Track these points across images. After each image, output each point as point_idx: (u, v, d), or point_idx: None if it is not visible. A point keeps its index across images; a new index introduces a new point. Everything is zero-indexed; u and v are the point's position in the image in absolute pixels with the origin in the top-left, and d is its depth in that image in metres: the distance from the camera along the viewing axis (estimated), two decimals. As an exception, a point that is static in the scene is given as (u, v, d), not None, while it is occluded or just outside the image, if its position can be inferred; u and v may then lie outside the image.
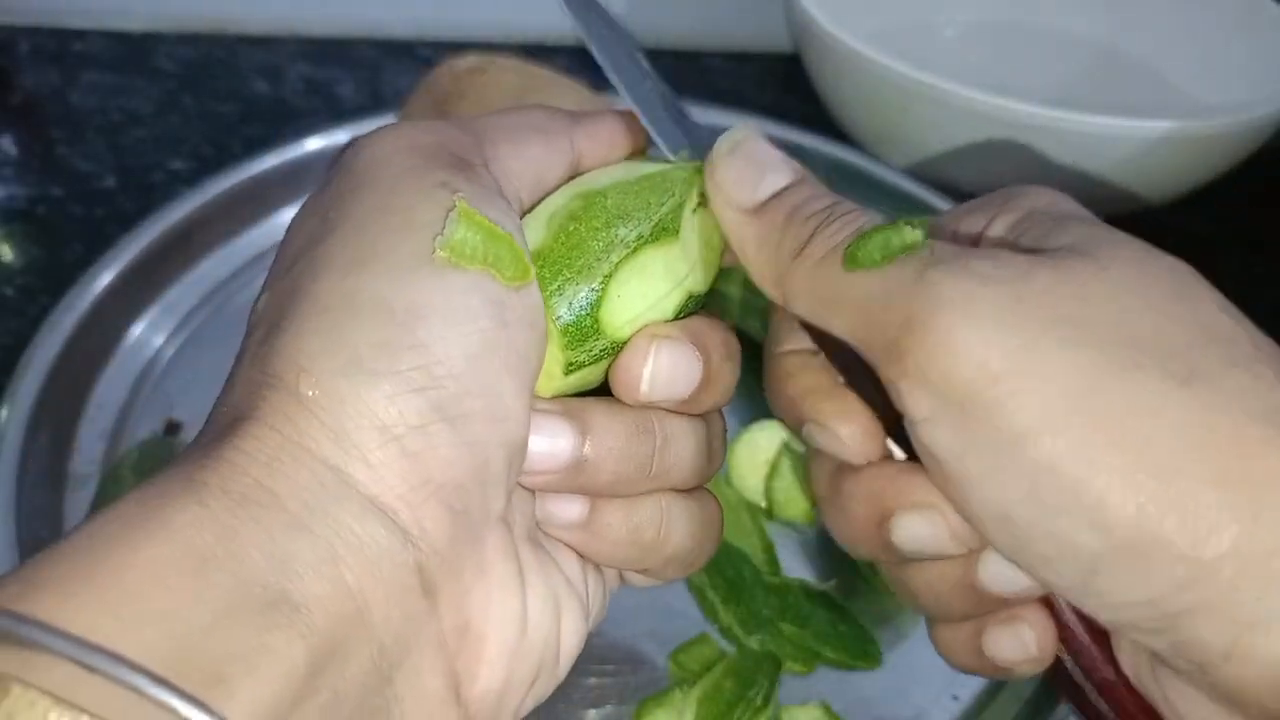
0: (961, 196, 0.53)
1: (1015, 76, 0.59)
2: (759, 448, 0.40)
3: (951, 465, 0.20)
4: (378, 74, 0.68)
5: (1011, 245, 0.22)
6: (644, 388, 0.22)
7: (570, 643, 0.22)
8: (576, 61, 0.71)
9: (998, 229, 0.23)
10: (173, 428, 0.42)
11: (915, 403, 0.20)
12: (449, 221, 0.20)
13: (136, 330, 0.46)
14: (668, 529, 0.23)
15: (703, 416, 0.24)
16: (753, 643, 0.34)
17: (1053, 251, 0.21)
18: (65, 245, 0.52)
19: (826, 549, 0.39)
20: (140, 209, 0.54)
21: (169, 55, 0.69)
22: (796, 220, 0.22)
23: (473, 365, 0.20)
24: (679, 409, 0.23)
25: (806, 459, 0.25)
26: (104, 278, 0.45)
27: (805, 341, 0.25)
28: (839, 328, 0.22)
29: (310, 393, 0.19)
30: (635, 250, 0.22)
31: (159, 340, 0.46)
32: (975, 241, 0.23)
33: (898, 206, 0.53)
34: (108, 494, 0.36)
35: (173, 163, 0.59)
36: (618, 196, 0.23)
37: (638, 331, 0.23)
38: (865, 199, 0.58)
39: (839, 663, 0.35)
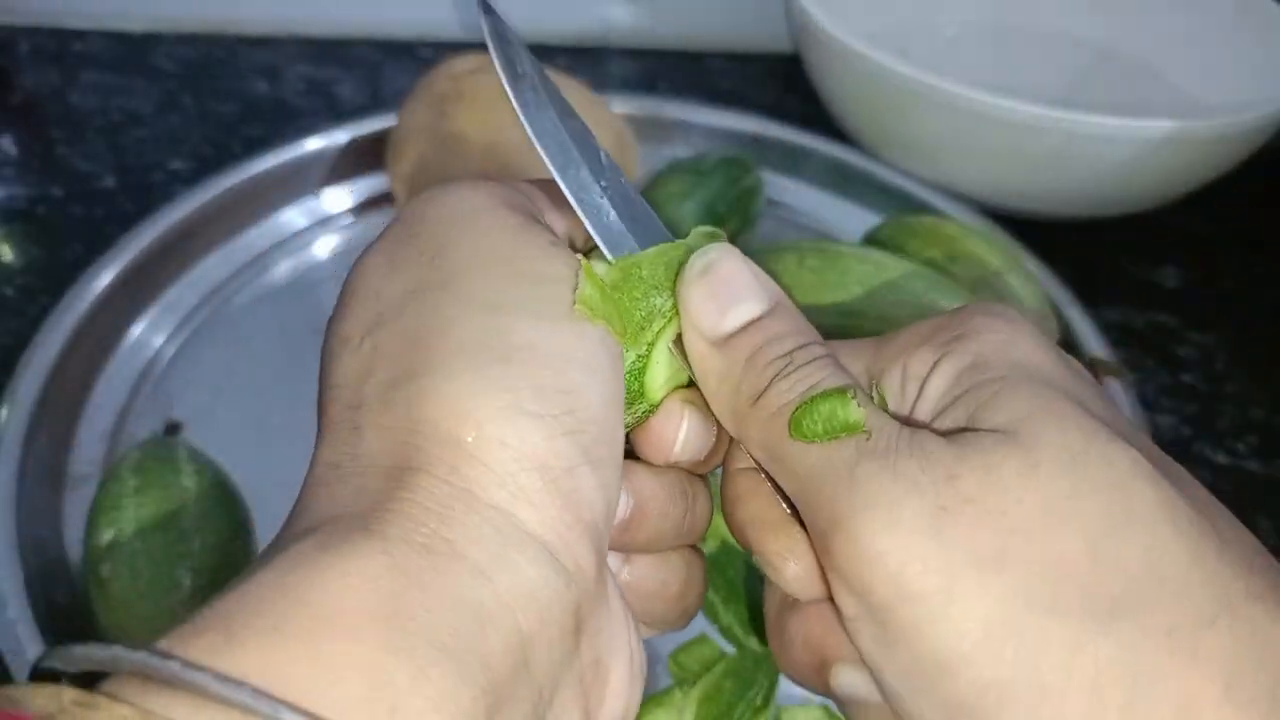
0: (962, 197, 0.53)
1: (1015, 76, 0.59)
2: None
3: (873, 665, 0.20)
4: (377, 74, 0.68)
5: (948, 414, 0.21)
6: (676, 449, 0.23)
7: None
8: (576, 62, 0.71)
9: (939, 383, 0.21)
10: (173, 428, 0.42)
11: (840, 600, 0.20)
12: (580, 278, 0.21)
13: (136, 330, 0.46)
14: (691, 582, 0.24)
15: (703, 476, 0.25)
16: (753, 643, 0.34)
17: (984, 440, 0.19)
18: (65, 245, 0.52)
19: (826, 549, 0.39)
20: (140, 209, 0.54)
21: (169, 55, 0.69)
22: (757, 364, 0.22)
23: (605, 413, 0.20)
24: (693, 468, 0.24)
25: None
26: (104, 278, 0.45)
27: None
28: (782, 485, 0.22)
29: (470, 438, 0.19)
30: (670, 319, 0.23)
31: (159, 340, 0.46)
32: (918, 389, 0.22)
33: (898, 206, 0.53)
34: (108, 494, 0.36)
35: (173, 163, 0.59)
36: (650, 266, 0.23)
37: (667, 395, 0.23)
38: (865, 199, 0.59)
39: (839, 663, 0.35)
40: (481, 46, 0.27)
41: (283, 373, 0.44)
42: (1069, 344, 0.45)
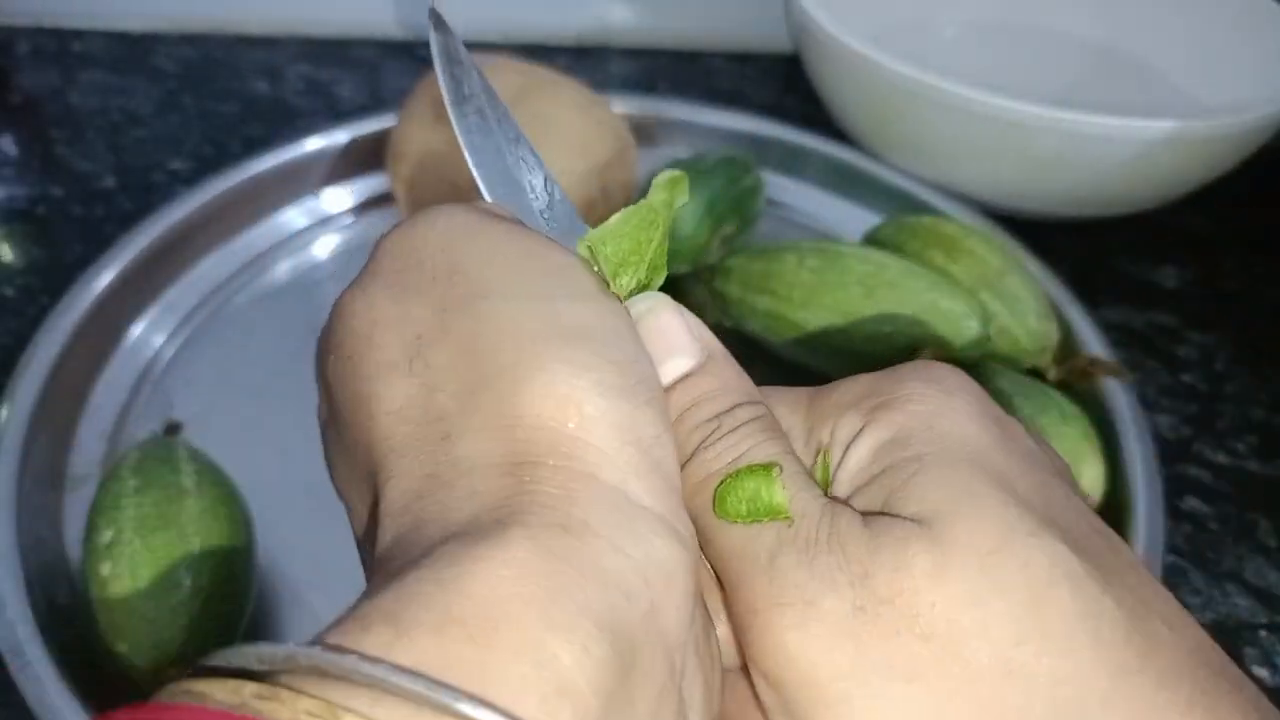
0: (962, 197, 0.53)
1: (1015, 76, 0.59)
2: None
3: None
4: (377, 74, 0.68)
5: (866, 492, 0.20)
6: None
7: None
8: (576, 62, 0.71)
9: (860, 455, 0.21)
10: (173, 428, 0.42)
11: (757, 685, 0.20)
12: (593, 258, 0.22)
13: (136, 330, 0.46)
14: None
15: None
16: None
17: (896, 530, 0.19)
18: (65, 245, 0.52)
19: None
20: (140, 209, 0.54)
21: (169, 55, 0.69)
22: (685, 426, 0.22)
23: (658, 378, 0.21)
24: None
25: None
26: (104, 278, 0.45)
27: None
28: (706, 556, 0.21)
29: (572, 423, 0.19)
30: (632, 294, 0.23)
31: (159, 340, 0.46)
32: (840, 456, 0.21)
33: (898, 206, 0.53)
34: (108, 494, 0.36)
35: (172, 162, 0.59)
36: (615, 243, 0.23)
37: None
38: (866, 199, 0.59)
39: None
40: (481, 47, 0.27)
41: (283, 373, 0.44)
42: (1069, 344, 0.45)
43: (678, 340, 0.22)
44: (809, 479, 0.21)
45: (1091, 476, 0.36)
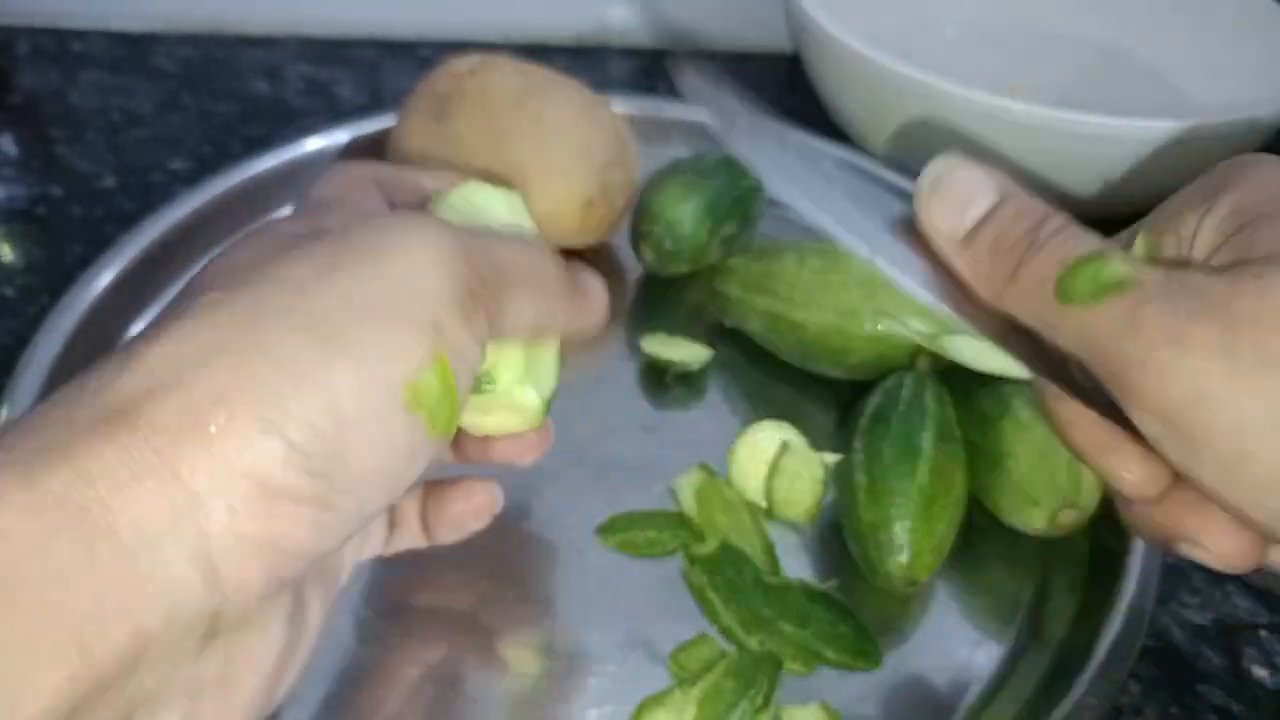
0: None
1: (1015, 77, 0.59)
2: (759, 448, 0.40)
3: (1190, 474, 0.22)
4: (378, 74, 0.68)
5: (1219, 253, 0.23)
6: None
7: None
8: (576, 62, 0.71)
9: (1205, 238, 0.23)
10: (172, 428, 0.42)
11: (1145, 426, 0.22)
12: (424, 371, 0.21)
13: (136, 330, 0.46)
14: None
15: None
16: (753, 643, 0.34)
17: (1254, 265, 0.21)
18: (65, 245, 0.52)
19: (827, 549, 0.39)
20: (140, 209, 0.54)
21: (169, 55, 0.69)
22: (1001, 251, 0.24)
23: (370, 481, 0.21)
24: None
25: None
26: (104, 277, 0.45)
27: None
28: (1064, 345, 0.23)
29: (214, 426, 0.19)
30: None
31: (159, 340, 0.46)
32: (1189, 247, 0.24)
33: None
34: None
35: (172, 163, 0.59)
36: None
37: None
38: (865, 199, 0.58)
39: (839, 663, 0.35)
40: (482, 47, 0.27)
41: (283, 373, 0.44)
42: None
43: (974, 185, 0.25)
44: (1141, 258, 0.23)
45: (1092, 476, 0.36)
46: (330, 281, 0.21)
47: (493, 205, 0.29)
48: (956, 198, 0.25)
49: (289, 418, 0.19)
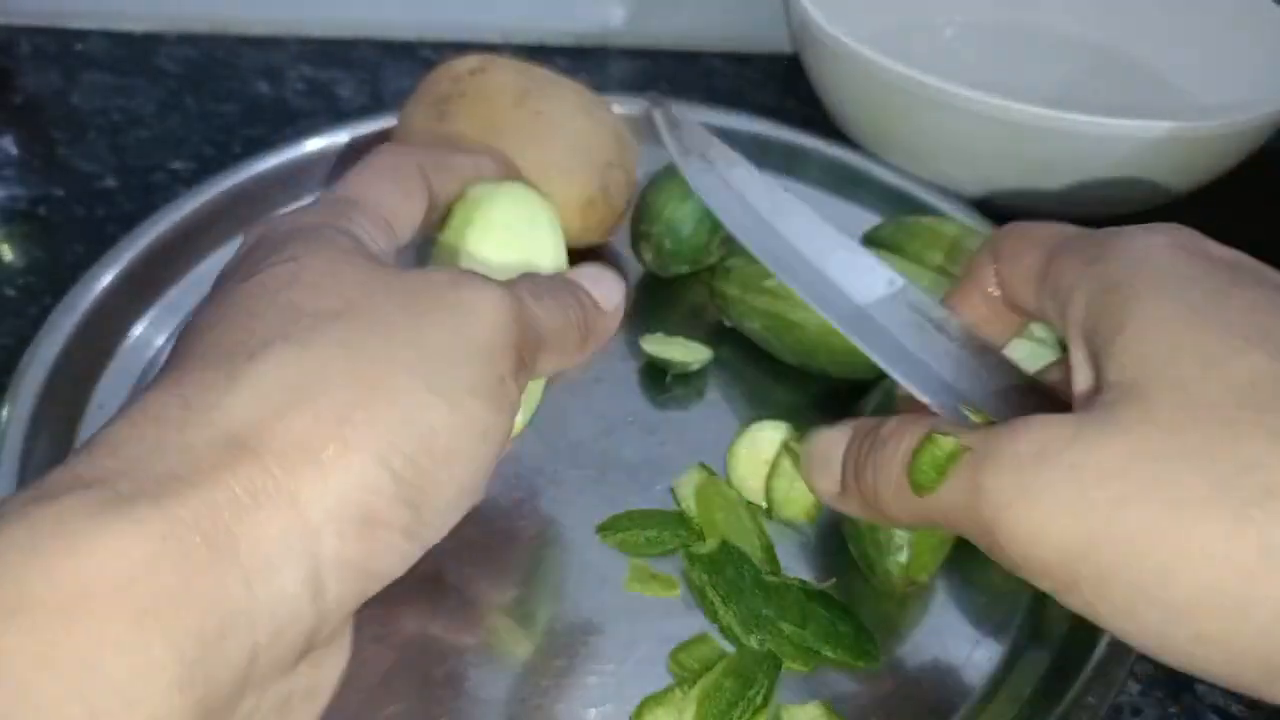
0: (961, 197, 0.53)
1: (1015, 77, 0.59)
2: (759, 448, 0.40)
3: (1096, 615, 0.21)
4: (378, 75, 0.68)
5: (1083, 344, 0.23)
6: None
7: None
8: (577, 62, 0.71)
9: (1076, 311, 0.23)
10: (173, 428, 0.42)
11: (1035, 582, 0.22)
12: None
13: (137, 330, 0.46)
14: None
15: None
16: (752, 642, 0.34)
17: (1104, 395, 0.21)
18: (66, 245, 0.53)
19: (826, 549, 0.39)
20: (141, 209, 0.54)
21: (170, 56, 0.69)
22: (860, 475, 0.26)
23: (451, 505, 0.23)
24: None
25: None
26: (105, 278, 0.45)
27: None
28: (938, 524, 0.24)
29: (327, 453, 0.20)
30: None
31: (160, 340, 0.46)
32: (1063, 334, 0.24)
33: (897, 207, 0.53)
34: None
35: (173, 163, 0.59)
36: None
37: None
38: (865, 200, 0.59)
39: (839, 662, 0.35)
40: (482, 48, 0.28)
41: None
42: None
43: (828, 442, 0.28)
44: (970, 420, 0.25)
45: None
46: (419, 328, 0.23)
47: (537, 216, 0.32)
48: (821, 459, 0.28)
49: (395, 451, 0.21)
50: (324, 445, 0.20)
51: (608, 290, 0.30)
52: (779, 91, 0.69)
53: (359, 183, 0.29)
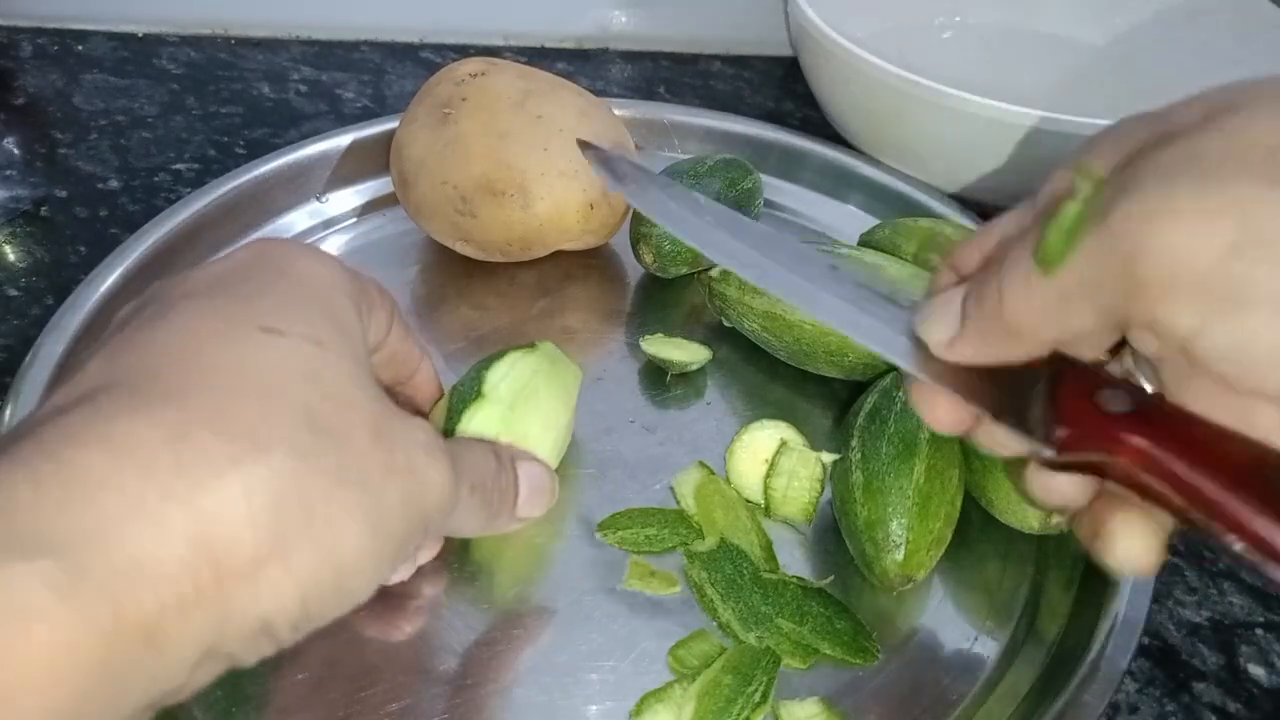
0: (959, 199, 0.53)
1: (1013, 79, 0.60)
2: (758, 447, 0.40)
3: (1231, 360, 0.20)
4: (380, 77, 0.69)
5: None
6: None
7: None
8: (576, 65, 0.71)
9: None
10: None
11: (1180, 318, 0.20)
12: None
13: (140, 330, 0.47)
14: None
15: None
16: (751, 638, 0.35)
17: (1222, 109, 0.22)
18: (69, 246, 0.53)
19: (824, 547, 0.39)
20: (144, 210, 0.55)
21: (172, 57, 0.69)
22: (984, 297, 0.24)
23: (350, 601, 0.24)
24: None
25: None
26: (108, 279, 0.45)
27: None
28: (1081, 324, 0.22)
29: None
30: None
31: (162, 340, 0.47)
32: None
33: (895, 209, 0.54)
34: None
35: (176, 164, 0.59)
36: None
37: None
38: (863, 201, 0.59)
39: (836, 659, 0.35)
40: (484, 50, 0.29)
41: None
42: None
43: (940, 304, 0.26)
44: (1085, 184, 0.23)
45: (1087, 475, 0.37)
46: (385, 484, 0.24)
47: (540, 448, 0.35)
48: (941, 305, 0.26)
49: (316, 584, 0.22)
50: (269, 565, 0.21)
51: (534, 503, 0.32)
52: (777, 94, 0.70)
53: (364, 281, 0.30)
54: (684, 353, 0.45)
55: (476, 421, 0.33)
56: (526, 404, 0.35)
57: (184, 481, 0.20)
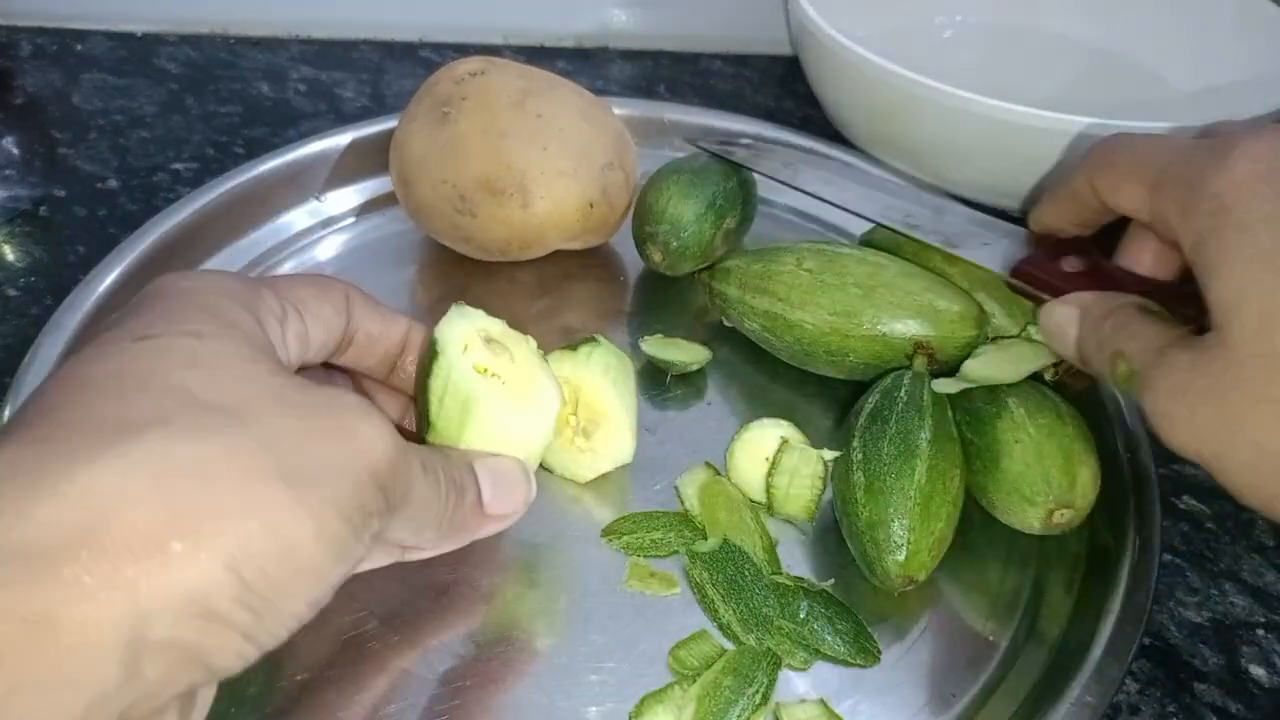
0: (959, 198, 0.53)
1: (1014, 78, 0.60)
2: (759, 445, 0.40)
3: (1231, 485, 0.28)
4: (380, 76, 0.69)
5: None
6: None
7: None
8: (576, 64, 0.71)
9: (1184, 247, 0.30)
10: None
11: (1257, 200, 0.27)
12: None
13: (139, 330, 0.47)
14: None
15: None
16: (752, 640, 0.35)
17: (1213, 318, 0.28)
18: (68, 246, 0.53)
19: (825, 548, 0.39)
20: (143, 210, 0.54)
21: (171, 57, 0.69)
22: (1087, 357, 0.34)
23: (296, 618, 0.24)
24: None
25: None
26: (107, 279, 0.45)
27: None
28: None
29: (178, 545, 0.21)
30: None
31: (162, 340, 0.47)
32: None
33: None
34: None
35: (175, 164, 0.59)
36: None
37: None
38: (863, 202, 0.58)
39: (837, 660, 0.35)
40: (483, 49, 0.28)
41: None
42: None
43: (1060, 317, 0.36)
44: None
45: (1087, 476, 0.37)
46: (304, 446, 0.23)
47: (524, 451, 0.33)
48: (1058, 333, 0.35)
49: (249, 559, 0.21)
50: (174, 539, 0.20)
51: (504, 497, 0.31)
52: (777, 92, 0.70)
53: (287, 282, 0.30)
54: (684, 353, 0.45)
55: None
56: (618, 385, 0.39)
57: (49, 477, 0.20)
